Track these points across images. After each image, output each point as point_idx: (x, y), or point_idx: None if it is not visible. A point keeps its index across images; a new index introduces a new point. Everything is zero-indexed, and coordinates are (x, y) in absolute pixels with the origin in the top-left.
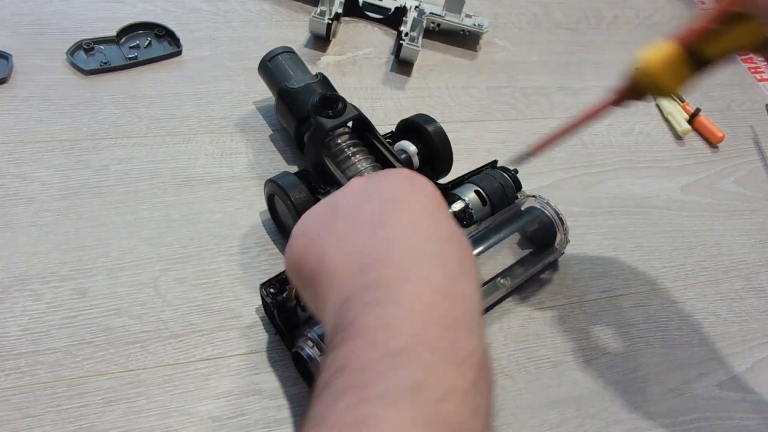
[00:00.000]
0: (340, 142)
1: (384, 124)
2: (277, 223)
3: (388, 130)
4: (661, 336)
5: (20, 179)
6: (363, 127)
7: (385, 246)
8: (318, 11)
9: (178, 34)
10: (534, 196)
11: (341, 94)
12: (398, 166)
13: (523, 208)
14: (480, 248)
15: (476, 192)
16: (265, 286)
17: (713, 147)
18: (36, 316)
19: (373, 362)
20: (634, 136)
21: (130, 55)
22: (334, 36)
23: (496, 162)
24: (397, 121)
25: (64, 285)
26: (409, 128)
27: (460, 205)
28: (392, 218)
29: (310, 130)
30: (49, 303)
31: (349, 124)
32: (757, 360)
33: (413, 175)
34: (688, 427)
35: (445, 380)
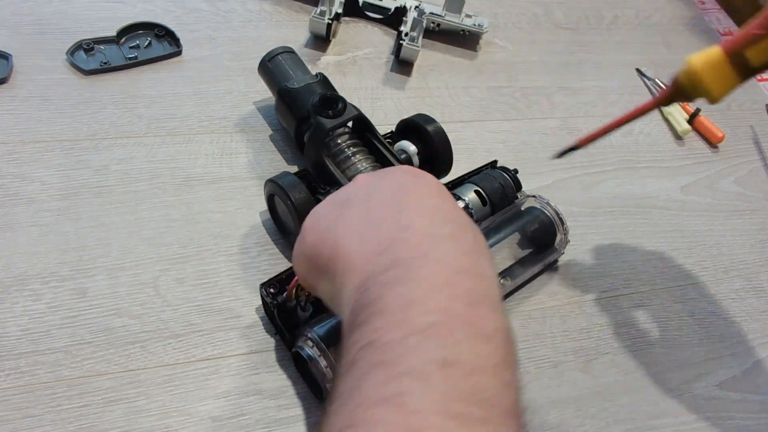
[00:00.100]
0: (340, 142)
1: (384, 124)
2: (277, 223)
3: (388, 130)
4: (661, 336)
5: (20, 179)
6: (363, 127)
7: (402, 228)
8: (318, 11)
9: (178, 34)
10: (534, 196)
11: (341, 94)
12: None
13: (523, 208)
14: None
15: (476, 192)
16: (265, 286)
17: (713, 147)
18: (36, 316)
19: (401, 338)
20: (634, 136)
21: (130, 55)
22: (334, 36)
23: (496, 162)
24: (397, 121)
25: (64, 285)
26: (409, 128)
27: (460, 205)
28: (405, 203)
29: (310, 130)
30: (49, 303)
31: (349, 124)
32: (757, 360)
33: (417, 170)
34: (688, 427)
35: (474, 355)
